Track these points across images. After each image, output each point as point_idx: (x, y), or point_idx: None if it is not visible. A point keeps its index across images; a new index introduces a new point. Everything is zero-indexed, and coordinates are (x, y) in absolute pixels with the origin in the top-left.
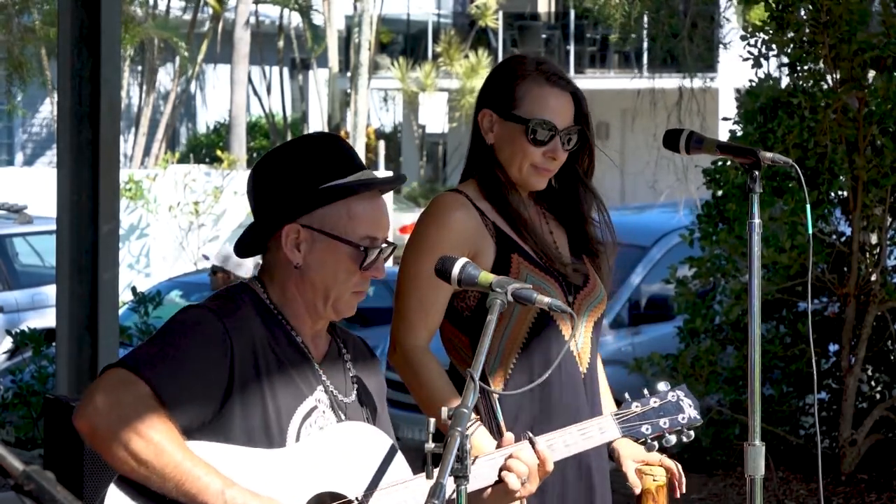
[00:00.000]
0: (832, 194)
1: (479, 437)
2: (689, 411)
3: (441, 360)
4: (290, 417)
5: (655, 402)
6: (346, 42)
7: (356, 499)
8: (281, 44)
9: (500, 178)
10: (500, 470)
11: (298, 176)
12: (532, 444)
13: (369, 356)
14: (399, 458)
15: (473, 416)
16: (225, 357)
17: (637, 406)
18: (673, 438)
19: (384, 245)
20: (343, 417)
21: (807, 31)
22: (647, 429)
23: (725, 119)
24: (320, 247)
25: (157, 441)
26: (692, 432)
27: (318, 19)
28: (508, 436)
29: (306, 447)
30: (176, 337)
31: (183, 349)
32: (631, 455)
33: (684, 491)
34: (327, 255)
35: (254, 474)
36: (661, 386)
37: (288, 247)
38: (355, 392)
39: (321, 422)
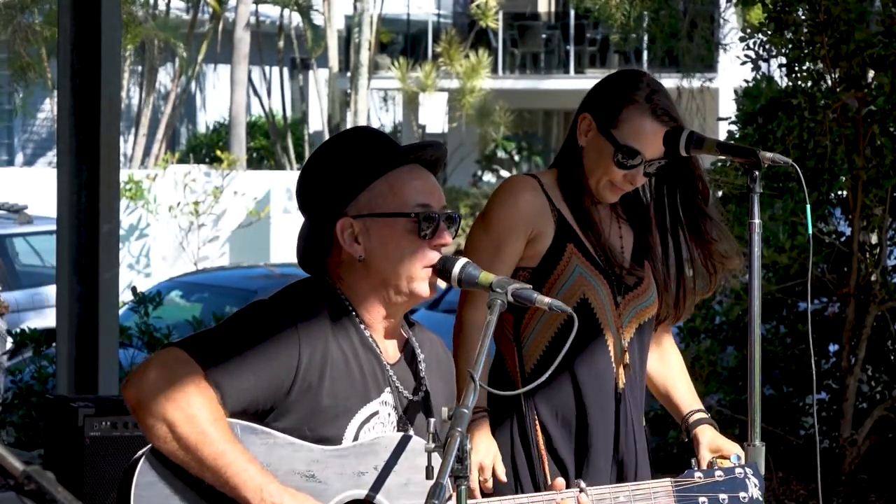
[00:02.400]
0: (832, 194)
1: (481, 435)
2: (753, 490)
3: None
4: (351, 418)
5: (720, 475)
6: (346, 42)
7: None
8: (281, 44)
9: (579, 180)
10: None
11: (336, 171)
12: (580, 493)
13: (445, 360)
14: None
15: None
16: (292, 357)
17: (699, 476)
18: None
19: (441, 211)
20: (405, 421)
21: (805, 31)
22: (704, 501)
23: (721, 119)
24: (376, 231)
25: (203, 428)
26: None
27: (318, 19)
28: (559, 481)
29: (354, 451)
30: (243, 331)
31: (246, 343)
32: (708, 443)
33: None
34: (385, 237)
35: (295, 468)
36: (732, 459)
37: (346, 242)
38: (422, 394)
39: (381, 426)
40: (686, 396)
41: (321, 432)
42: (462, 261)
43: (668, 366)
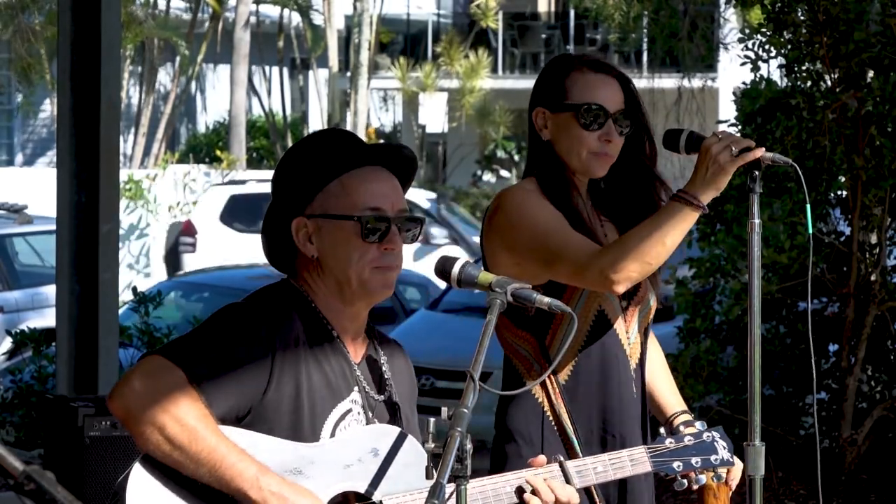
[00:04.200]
0: (831, 194)
1: None
2: (723, 453)
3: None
4: (326, 417)
5: (689, 440)
6: (346, 42)
7: (381, 501)
8: (281, 44)
9: (560, 175)
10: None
11: (298, 171)
12: (561, 466)
13: (403, 361)
14: (426, 462)
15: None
16: (265, 360)
17: (671, 442)
18: (703, 478)
19: (396, 215)
20: (373, 418)
21: (804, 31)
22: (679, 465)
23: (721, 122)
24: (327, 232)
25: (192, 426)
26: (723, 472)
27: (318, 19)
28: (540, 458)
29: (336, 446)
30: (218, 333)
31: (223, 345)
32: None
33: (732, 488)
34: (335, 239)
35: (283, 465)
36: (697, 425)
37: (301, 241)
38: (387, 394)
39: (355, 423)
40: (670, 398)
41: (299, 432)
42: (461, 260)
43: (650, 364)
